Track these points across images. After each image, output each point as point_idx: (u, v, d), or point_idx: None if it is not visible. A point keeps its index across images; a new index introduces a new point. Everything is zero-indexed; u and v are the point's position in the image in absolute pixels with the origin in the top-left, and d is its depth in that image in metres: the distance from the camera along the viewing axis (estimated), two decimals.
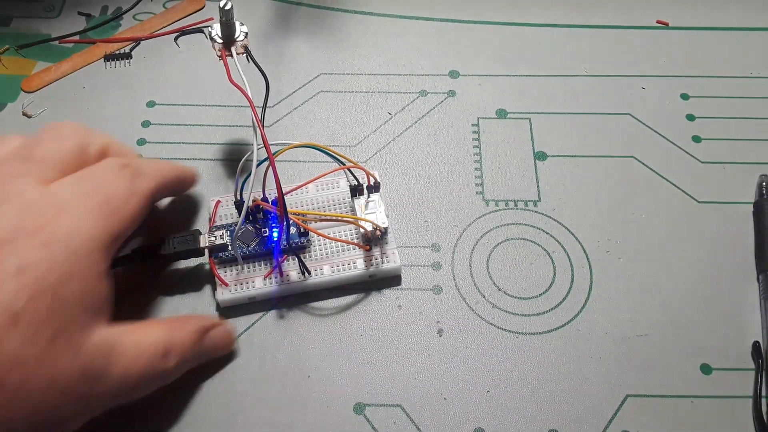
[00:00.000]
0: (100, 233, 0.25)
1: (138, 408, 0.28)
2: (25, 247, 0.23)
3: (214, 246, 0.31)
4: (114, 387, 0.25)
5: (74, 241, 0.24)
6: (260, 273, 0.31)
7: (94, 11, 0.43)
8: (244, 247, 0.31)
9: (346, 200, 0.33)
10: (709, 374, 0.30)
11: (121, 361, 0.25)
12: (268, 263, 0.31)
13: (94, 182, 0.26)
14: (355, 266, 0.31)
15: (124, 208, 0.26)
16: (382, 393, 0.29)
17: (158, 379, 0.27)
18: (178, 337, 0.27)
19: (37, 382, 0.22)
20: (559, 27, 0.42)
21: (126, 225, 0.26)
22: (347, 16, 0.43)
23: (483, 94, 0.39)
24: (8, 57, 0.40)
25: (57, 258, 0.23)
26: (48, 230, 0.23)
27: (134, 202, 0.27)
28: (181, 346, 0.27)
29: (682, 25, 0.42)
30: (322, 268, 0.31)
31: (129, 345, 0.25)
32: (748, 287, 0.32)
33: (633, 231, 0.34)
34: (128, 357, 0.25)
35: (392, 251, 0.32)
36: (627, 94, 0.39)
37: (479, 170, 0.36)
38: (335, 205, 0.33)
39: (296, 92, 0.39)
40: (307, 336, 0.31)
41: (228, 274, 0.31)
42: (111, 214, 0.25)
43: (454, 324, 0.31)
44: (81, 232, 0.24)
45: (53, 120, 0.38)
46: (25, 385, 0.22)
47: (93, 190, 0.26)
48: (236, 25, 0.30)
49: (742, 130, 0.37)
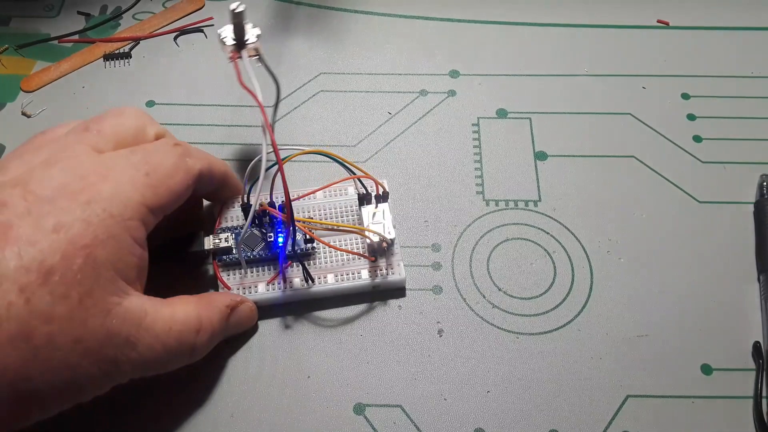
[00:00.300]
0: (139, 202, 0.25)
1: (138, 408, 0.28)
2: (65, 206, 0.23)
3: (218, 249, 0.31)
4: (141, 356, 0.25)
5: (113, 205, 0.24)
6: (263, 278, 0.31)
7: (94, 11, 0.43)
8: (248, 251, 0.31)
9: (354, 208, 0.33)
10: (710, 374, 0.30)
11: (151, 331, 0.25)
12: (271, 268, 0.31)
13: (144, 155, 0.26)
14: (360, 276, 0.31)
15: (168, 182, 0.26)
16: (382, 393, 0.29)
17: (187, 355, 0.27)
18: (207, 315, 0.28)
19: (62, 340, 0.22)
20: (559, 27, 0.42)
21: (167, 199, 0.26)
22: (347, 15, 0.43)
23: (483, 94, 0.39)
24: (8, 56, 0.40)
25: (93, 220, 0.24)
26: (89, 193, 0.24)
27: (179, 178, 0.27)
28: (210, 323, 0.28)
29: (682, 24, 0.42)
30: (326, 277, 0.31)
31: (160, 317, 0.25)
32: (749, 287, 0.32)
33: (633, 231, 0.34)
34: (159, 328, 0.25)
35: (398, 263, 0.31)
36: (627, 93, 0.39)
37: (479, 170, 0.36)
38: (342, 212, 0.33)
39: (296, 92, 0.39)
40: (307, 336, 0.31)
41: (231, 278, 0.31)
42: (154, 185, 0.26)
43: (454, 324, 0.31)
44: (121, 197, 0.25)
45: (53, 120, 0.38)
46: (51, 342, 0.22)
47: (141, 161, 0.26)
48: (248, 27, 0.29)
49: (742, 130, 0.37)
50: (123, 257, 0.24)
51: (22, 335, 0.21)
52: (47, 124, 0.37)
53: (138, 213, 0.25)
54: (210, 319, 0.28)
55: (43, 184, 0.24)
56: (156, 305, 0.26)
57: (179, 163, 0.27)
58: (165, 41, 0.41)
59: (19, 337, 0.21)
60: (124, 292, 0.24)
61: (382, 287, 0.31)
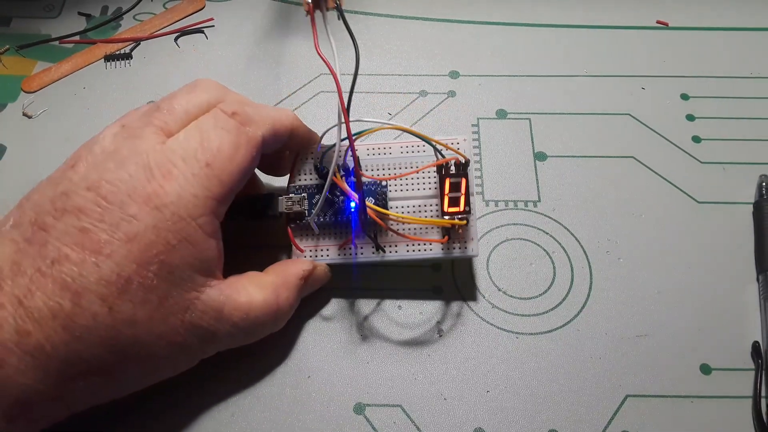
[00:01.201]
0: (206, 197, 0.25)
1: (139, 408, 0.28)
2: (135, 213, 0.24)
3: (292, 213, 0.30)
4: (222, 341, 0.27)
5: (180, 207, 0.25)
6: (336, 242, 0.30)
7: (94, 11, 0.43)
8: (320, 214, 0.30)
9: (432, 175, 0.31)
10: (709, 374, 0.30)
11: (229, 319, 0.26)
12: (344, 233, 0.30)
13: (201, 138, 0.26)
14: (431, 250, 0.30)
15: (230, 166, 0.26)
16: (382, 393, 0.29)
17: (268, 329, 0.29)
18: (283, 294, 0.28)
19: (147, 339, 0.24)
20: (559, 27, 0.42)
21: (234, 183, 0.26)
22: (347, 16, 0.42)
23: (483, 94, 0.39)
24: (8, 57, 0.40)
25: (163, 226, 0.24)
26: (156, 195, 0.24)
27: (240, 156, 0.26)
28: (287, 300, 0.28)
29: (682, 25, 0.42)
30: (397, 246, 0.30)
31: (238, 305, 0.26)
32: (748, 287, 0.32)
33: (633, 231, 0.34)
34: (237, 317, 0.26)
35: (472, 238, 0.30)
36: (627, 94, 0.39)
37: (479, 170, 0.36)
38: (418, 176, 0.31)
39: (296, 92, 0.39)
40: (307, 336, 0.31)
41: (304, 241, 0.31)
42: (217, 174, 0.26)
43: (454, 324, 0.31)
44: (187, 195, 0.25)
45: (54, 120, 0.38)
46: (137, 342, 0.24)
47: (199, 149, 0.26)
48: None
49: (742, 130, 0.37)
50: (198, 255, 0.25)
51: (110, 339, 0.23)
52: (48, 125, 0.38)
53: (206, 208, 0.25)
54: (286, 296, 0.28)
55: (113, 189, 0.24)
56: (233, 294, 0.26)
57: (239, 139, 0.27)
58: (166, 42, 0.41)
59: (108, 342, 0.23)
60: (202, 286, 0.26)
61: (453, 258, 0.31)
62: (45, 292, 0.23)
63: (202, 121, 0.27)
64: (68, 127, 0.37)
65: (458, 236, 0.30)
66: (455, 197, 0.29)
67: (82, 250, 0.23)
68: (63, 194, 0.24)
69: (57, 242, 0.23)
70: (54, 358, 0.23)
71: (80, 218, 0.24)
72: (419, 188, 0.31)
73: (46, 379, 0.23)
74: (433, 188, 0.31)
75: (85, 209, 0.24)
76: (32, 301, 0.23)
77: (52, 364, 0.23)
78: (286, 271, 0.29)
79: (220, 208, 0.26)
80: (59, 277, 0.23)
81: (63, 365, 0.23)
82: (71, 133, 0.37)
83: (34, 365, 0.22)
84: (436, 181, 0.31)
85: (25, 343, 0.22)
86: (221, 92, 0.28)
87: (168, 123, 0.26)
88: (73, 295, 0.23)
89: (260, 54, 0.41)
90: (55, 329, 0.23)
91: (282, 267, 0.30)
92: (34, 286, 0.23)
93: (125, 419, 0.28)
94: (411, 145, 0.31)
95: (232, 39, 0.41)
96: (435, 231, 0.30)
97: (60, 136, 0.37)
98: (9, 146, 0.37)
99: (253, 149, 0.27)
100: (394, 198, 0.31)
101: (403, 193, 0.31)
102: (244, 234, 0.32)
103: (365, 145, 0.31)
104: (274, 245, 0.32)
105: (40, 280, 0.23)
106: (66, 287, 0.23)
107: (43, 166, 0.27)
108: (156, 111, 0.27)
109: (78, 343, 0.23)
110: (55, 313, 0.23)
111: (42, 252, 0.23)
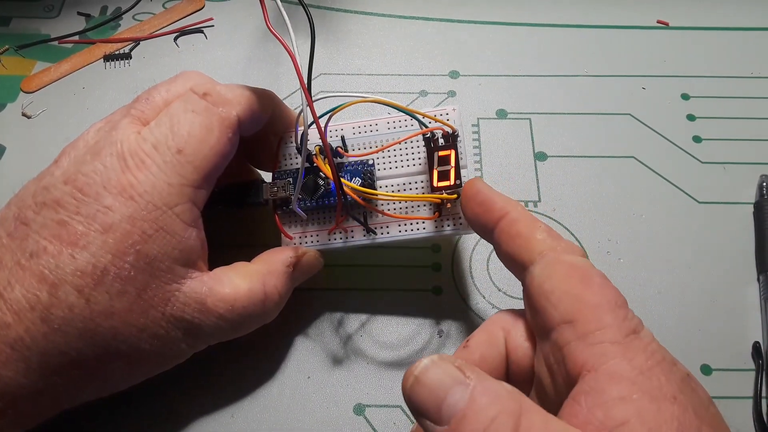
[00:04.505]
0: (180, 184, 0.25)
1: (139, 408, 0.28)
2: (110, 204, 0.24)
3: (278, 199, 0.29)
4: (209, 333, 0.26)
5: (155, 197, 0.24)
6: (326, 227, 0.29)
7: (94, 11, 0.43)
8: (306, 199, 0.29)
9: (420, 149, 0.29)
10: (710, 375, 0.30)
11: (214, 311, 0.26)
12: (332, 218, 0.29)
13: (171, 124, 0.25)
14: (424, 228, 0.29)
15: (204, 150, 0.25)
16: (382, 394, 0.29)
17: (257, 321, 0.28)
18: (270, 282, 0.27)
19: (127, 332, 0.24)
20: (559, 27, 0.42)
21: (208, 167, 0.25)
22: (347, 16, 0.43)
23: (483, 94, 0.39)
24: (8, 57, 0.40)
25: (138, 216, 0.24)
26: (131, 185, 0.24)
27: (214, 139, 0.25)
28: (275, 288, 0.27)
29: (682, 25, 0.42)
30: (389, 227, 0.29)
31: (222, 296, 0.26)
32: (748, 288, 0.32)
33: (633, 231, 0.34)
34: (222, 308, 0.26)
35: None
36: (627, 94, 0.39)
37: (479, 170, 0.36)
38: (406, 152, 0.29)
39: (296, 92, 0.39)
40: (307, 336, 0.31)
41: (293, 227, 0.30)
42: (190, 160, 0.25)
43: (454, 324, 0.31)
44: (161, 184, 0.24)
45: (53, 120, 0.38)
46: (117, 335, 0.24)
47: (170, 135, 0.25)
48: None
49: (742, 130, 0.37)
50: (177, 245, 0.25)
51: (89, 331, 0.23)
52: (47, 125, 0.37)
53: (183, 197, 0.25)
54: (273, 284, 0.27)
55: (88, 181, 0.24)
56: (216, 285, 0.26)
57: (210, 121, 0.26)
58: (165, 42, 0.41)
59: (87, 334, 0.23)
60: (183, 278, 0.25)
61: (446, 234, 0.29)
62: (23, 285, 0.23)
63: (173, 107, 0.26)
64: (67, 127, 0.37)
65: (449, 212, 0.29)
66: (445, 171, 0.28)
67: (59, 242, 0.23)
68: (44, 188, 0.24)
69: (36, 235, 0.23)
70: (34, 350, 0.23)
71: (58, 211, 0.24)
72: (408, 164, 0.29)
73: (28, 372, 0.23)
74: (423, 164, 0.29)
75: (62, 202, 0.24)
76: (11, 293, 0.23)
77: (32, 356, 0.23)
78: (272, 259, 0.28)
79: (198, 194, 0.25)
80: (37, 269, 0.23)
81: (44, 357, 0.23)
82: (70, 133, 0.36)
83: (15, 357, 0.22)
84: (426, 157, 0.29)
85: (4, 335, 0.22)
86: (198, 81, 0.27)
87: (145, 112, 0.26)
88: (50, 286, 0.23)
89: (260, 54, 0.41)
90: (34, 321, 0.23)
91: (268, 255, 0.29)
92: (13, 278, 0.23)
93: (125, 420, 0.28)
94: (398, 120, 0.30)
95: (232, 39, 0.41)
96: (427, 209, 0.29)
97: (59, 136, 0.37)
98: (8, 146, 0.37)
99: (228, 130, 0.26)
100: (382, 177, 0.29)
101: (391, 171, 0.29)
102: (233, 226, 0.31)
103: (350, 123, 0.30)
104: (267, 244, 0.31)
105: (19, 272, 0.23)
106: (43, 279, 0.23)
107: (42, 166, 0.27)
108: (135, 102, 0.27)
109: (56, 335, 0.23)
110: (33, 305, 0.23)
111: (22, 245, 0.23)
